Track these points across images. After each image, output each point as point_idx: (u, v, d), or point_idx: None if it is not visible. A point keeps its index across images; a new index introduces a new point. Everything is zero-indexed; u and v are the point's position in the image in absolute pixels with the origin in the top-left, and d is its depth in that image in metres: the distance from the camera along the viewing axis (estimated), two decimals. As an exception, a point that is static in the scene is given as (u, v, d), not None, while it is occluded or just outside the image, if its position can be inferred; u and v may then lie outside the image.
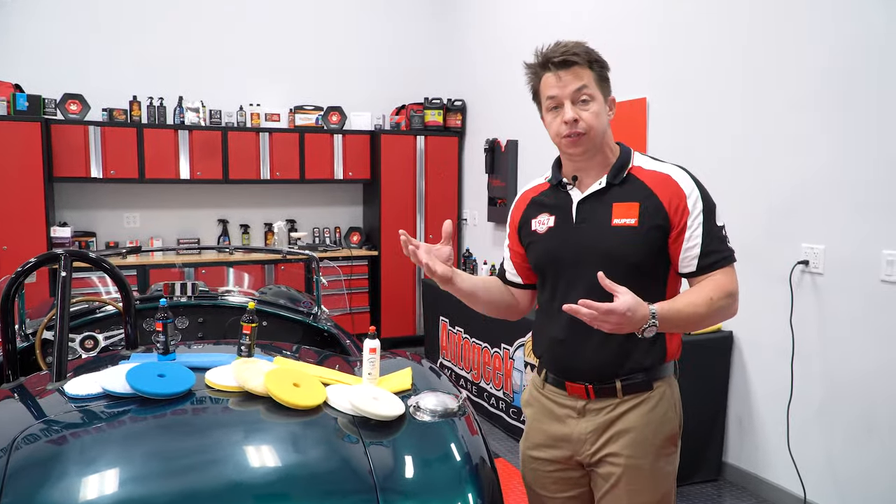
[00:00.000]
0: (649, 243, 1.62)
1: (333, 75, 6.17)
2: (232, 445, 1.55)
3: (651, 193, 1.63)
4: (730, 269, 1.64)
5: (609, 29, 4.29)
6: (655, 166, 1.68)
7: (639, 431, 1.65)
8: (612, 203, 1.65)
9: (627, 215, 1.63)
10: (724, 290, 1.60)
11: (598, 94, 1.64)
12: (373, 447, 1.54)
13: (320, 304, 3.31)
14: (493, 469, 1.66)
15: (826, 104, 3.00)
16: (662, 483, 1.69)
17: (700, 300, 1.58)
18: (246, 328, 1.89)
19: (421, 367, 2.06)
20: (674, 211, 1.61)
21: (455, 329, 4.68)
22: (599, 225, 1.65)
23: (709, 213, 1.63)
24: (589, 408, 1.69)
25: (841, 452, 2.99)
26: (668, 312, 1.52)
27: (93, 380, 1.70)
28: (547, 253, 1.74)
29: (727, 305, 1.61)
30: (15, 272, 2.05)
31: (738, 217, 3.40)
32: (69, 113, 5.18)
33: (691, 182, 1.64)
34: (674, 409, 1.71)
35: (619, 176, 1.67)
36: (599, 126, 1.64)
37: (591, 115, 1.62)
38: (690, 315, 1.56)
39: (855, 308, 2.91)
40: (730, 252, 1.65)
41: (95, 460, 1.44)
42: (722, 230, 1.65)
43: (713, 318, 1.61)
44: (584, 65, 1.62)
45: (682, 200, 1.62)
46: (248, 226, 6.01)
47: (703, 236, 1.61)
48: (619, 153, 1.70)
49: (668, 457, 1.70)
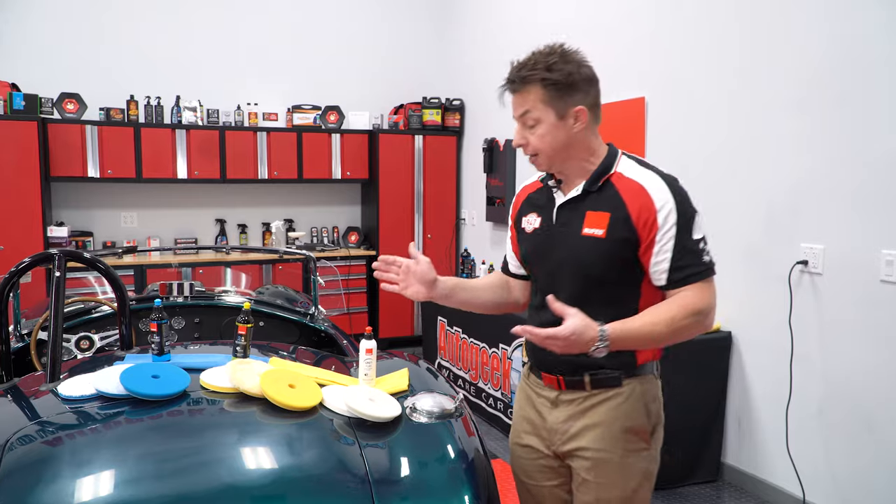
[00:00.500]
0: (615, 255, 1.62)
1: (331, 75, 6.16)
2: (226, 447, 1.54)
3: (622, 205, 1.62)
4: (702, 285, 1.59)
5: (608, 28, 4.28)
6: (636, 174, 1.65)
7: (606, 426, 1.66)
8: (585, 211, 1.66)
9: (597, 225, 1.63)
10: (689, 308, 1.57)
11: (547, 115, 1.62)
12: (369, 449, 1.53)
13: (317, 305, 3.30)
14: (489, 470, 1.65)
15: (825, 103, 2.99)
16: (632, 478, 1.69)
17: (660, 319, 1.56)
18: (241, 329, 1.88)
19: (418, 367, 2.05)
20: (642, 224, 1.59)
21: (453, 329, 4.67)
22: (572, 233, 1.67)
23: (683, 227, 1.59)
24: (561, 398, 1.72)
25: (840, 453, 2.98)
26: (622, 333, 1.53)
27: (86, 381, 1.68)
28: (530, 253, 1.80)
29: (693, 324, 1.58)
30: (9, 272, 2.04)
31: (736, 217, 3.41)
32: (66, 112, 5.16)
33: (667, 194, 1.60)
34: (643, 407, 1.69)
35: (596, 183, 1.66)
36: (547, 147, 1.64)
37: (537, 139, 1.64)
38: (649, 334, 1.56)
39: (854, 308, 2.90)
40: (704, 267, 1.60)
41: (88, 462, 1.43)
42: (699, 243, 1.61)
43: (677, 336, 1.59)
44: (529, 86, 1.61)
45: (651, 214, 1.59)
46: (246, 225, 5.99)
47: (672, 251, 1.58)
48: (602, 158, 1.69)
49: (639, 453, 1.69)
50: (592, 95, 1.67)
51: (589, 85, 1.65)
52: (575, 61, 1.63)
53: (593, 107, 1.67)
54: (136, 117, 5.37)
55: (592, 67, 1.67)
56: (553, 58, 1.61)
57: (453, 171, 6.22)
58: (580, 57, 1.66)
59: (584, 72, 1.64)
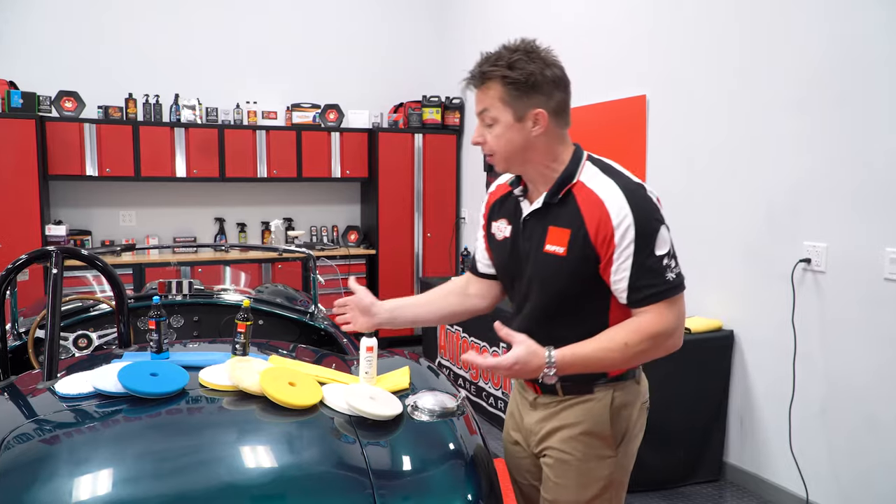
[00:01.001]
0: (576, 274, 1.56)
1: (331, 73, 6.14)
2: (226, 446, 1.52)
3: (581, 221, 1.54)
4: (664, 306, 1.51)
5: (609, 26, 4.26)
6: (597, 184, 1.55)
7: (570, 428, 1.64)
8: (548, 226, 1.59)
9: (558, 242, 1.57)
10: (645, 332, 1.50)
11: (504, 115, 1.54)
12: (370, 447, 1.51)
13: (317, 303, 3.28)
14: (492, 469, 1.63)
15: (826, 102, 2.97)
16: (590, 485, 1.64)
17: (614, 346, 1.51)
18: (241, 326, 1.86)
19: (419, 365, 2.03)
20: (600, 242, 1.52)
21: (453, 328, 4.65)
22: (535, 248, 1.62)
23: (643, 244, 1.49)
24: (538, 401, 1.71)
25: (843, 452, 2.96)
26: (572, 359, 1.50)
27: (84, 379, 1.67)
28: (500, 263, 1.76)
29: (651, 348, 1.51)
30: (6, 269, 2.02)
31: (738, 215, 3.39)
32: (64, 110, 5.14)
33: (625, 208, 1.50)
34: (613, 413, 1.63)
35: (556, 195, 1.58)
36: (502, 148, 1.57)
37: (493, 138, 1.58)
38: (602, 360, 1.52)
39: (858, 306, 2.88)
40: (666, 286, 1.51)
41: (86, 460, 1.41)
42: (661, 260, 1.50)
43: (635, 361, 1.55)
44: (491, 82, 1.54)
45: (608, 230, 1.50)
46: (245, 224, 5.97)
47: (630, 269, 1.50)
48: (565, 166, 1.59)
49: (602, 460, 1.64)
50: (557, 99, 1.56)
51: (554, 87, 1.55)
52: (540, 61, 1.54)
53: (557, 111, 1.57)
54: (134, 116, 5.34)
55: (562, 69, 1.58)
56: (517, 55, 1.53)
57: (453, 169, 6.20)
58: (548, 57, 1.56)
59: (549, 73, 1.54)
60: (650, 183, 3.81)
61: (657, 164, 3.90)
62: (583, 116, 4.39)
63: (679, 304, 1.54)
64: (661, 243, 1.51)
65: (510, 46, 1.55)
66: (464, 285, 1.90)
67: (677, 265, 1.54)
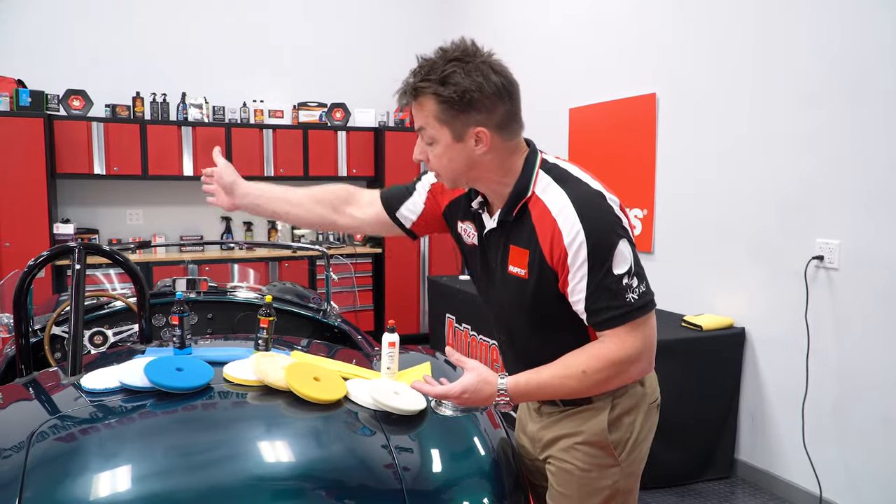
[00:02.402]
0: (540, 295, 1.46)
1: (337, 72, 6.15)
2: (253, 440, 1.52)
3: (537, 241, 1.42)
4: (624, 330, 1.38)
5: (617, 24, 4.27)
6: (549, 197, 1.42)
7: (569, 438, 1.57)
8: (509, 245, 1.49)
9: (519, 264, 1.47)
10: (605, 359, 1.39)
11: (443, 135, 1.41)
12: (396, 442, 1.52)
13: (330, 301, 3.28)
14: (517, 462, 1.64)
15: (839, 98, 2.97)
16: (593, 494, 1.56)
17: (571, 372, 1.41)
18: (263, 322, 1.86)
19: (437, 360, 2.04)
20: (555, 262, 1.41)
21: (462, 326, 4.65)
22: (500, 268, 1.53)
23: (597, 263, 1.36)
24: (543, 410, 1.65)
25: (857, 449, 2.96)
26: (526, 387, 1.43)
27: (110, 374, 1.67)
28: (474, 269, 1.67)
29: (613, 375, 1.41)
30: (28, 265, 2.02)
31: (750, 212, 3.40)
32: (72, 109, 5.14)
33: (576, 225, 1.36)
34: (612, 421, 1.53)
35: (510, 213, 1.47)
36: (445, 168, 1.46)
37: (434, 159, 1.46)
38: (557, 388, 1.43)
39: (871, 303, 2.89)
40: (626, 308, 1.37)
41: (115, 454, 1.41)
42: (620, 280, 1.37)
43: (596, 388, 1.44)
44: (426, 96, 1.40)
45: (560, 250, 1.38)
46: (252, 223, 5.97)
47: (586, 291, 1.38)
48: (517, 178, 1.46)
49: (604, 469, 1.55)
50: (501, 113, 1.40)
51: (495, 101, 1.39)
52: (477, 72, 1.37)
53: (503, 125, 1.42)
54: (142, 114, 5.35)
55: (507, 75, 1.41)
56: (451, 66, 1.37)
57: (459, 168, 6.19)
58: (488, 65, 1.39)
59: (488, 87, 1.37)
60: (661, 182, 3.88)
61: (667, 162, 3.91)
62: (592, 115, 4.40)
63: (644, 327, 1.40)
64: (620, 261, 1.37)
65: (446, 52, 1.40)
66: (345, 200, 1.74)
67: (641, 283, 1.40)
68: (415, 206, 1.71)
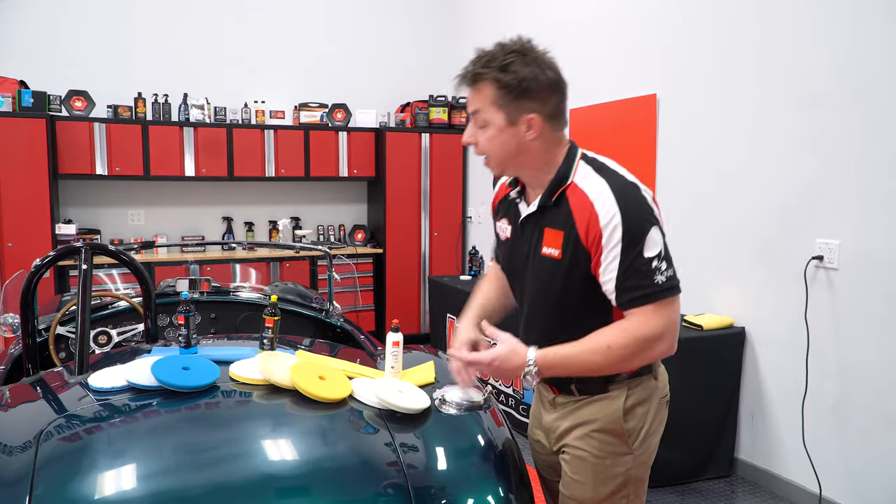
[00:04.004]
0: (572, 277, 1.54)
1: (338, 72, 6.16)
2: (259, 438, 1.54)
3: (573, 222, 1.51)
4: (651, 309, 1.46)
5: (619, 25, 4.28)
6: (588, 184, 1.52)
7: (585, 426, 1.63)
8: (544, 227, 1.58)
9: (553, 245, 1.55)
10: (630, 335, 1.46)
11: (496, 117, 1.51)
12: (401, 440, 1.53)
13: (332, 301, 3.29)
14: (520, 460, 1.66)
15: (840, 100, 2.99)
16: (607, 482, 1.62)
17: (597, 347, 1.48)
18: (268, 321, 1.88)
19: (440, 359, 2.06)
20: (590, 243, 1.49)
21: (463, 326, 4.66)
22: (533, 251, 1.61)
23: (631, 244, 1.45)
24: (557, 401, 1.71)
25: (857, 448, 2.98)
26: (553, 361, 1.49)
27: (116, 373, 1.69)
28: (505, 262, 1.79)
29: (637, 351, 1.47)
30: (34, 265, 2.03)
31: (750, 213, 3.41)
32: (74, 109, 5.15)
33: (613, 207, 1.46)
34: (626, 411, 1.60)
35: (550, 199, 1.56)
36: (496, 151, 1.55)
37: (485, 140, 1.55)
38: (584, 362, 1.49)
39: (870, 303, 2.90)
40: (655, 289, 1.46)
41: (123, 452, 1.43)
42: (650, 262, 1.46)
43: (621, 365, 1.50)
44: (484, 83, 1.50)
45: (596, 231, 1.47)
46: (253, 223, 5.99)
47: (617, 270, 1.46)
48: (558, 167, 1.56)
49: (618, 457, 1.61)
50: (553, 104, 1.53)
51: (549, 92, 1.51)
52: (535, 64, 1.49)
53: (553, 115, 1.54)
54: (143, 115, 5.36)
55: (558, 71, 1.54)
56: (511, 57, 1.48)
57: (460, 169, 6.22)
58: (544, 59, 1.51)
59: (543, 78, 1.49)
60: (661, 182, 3.89)
61: (668, 163, 3.92)
62: (593, 116, 4.41)
63: (669, 308, 1.48)
64: (651, 245, 1.46)
65: (506, 46, 1.51)
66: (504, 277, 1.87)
67: (670, 268, 1.49)
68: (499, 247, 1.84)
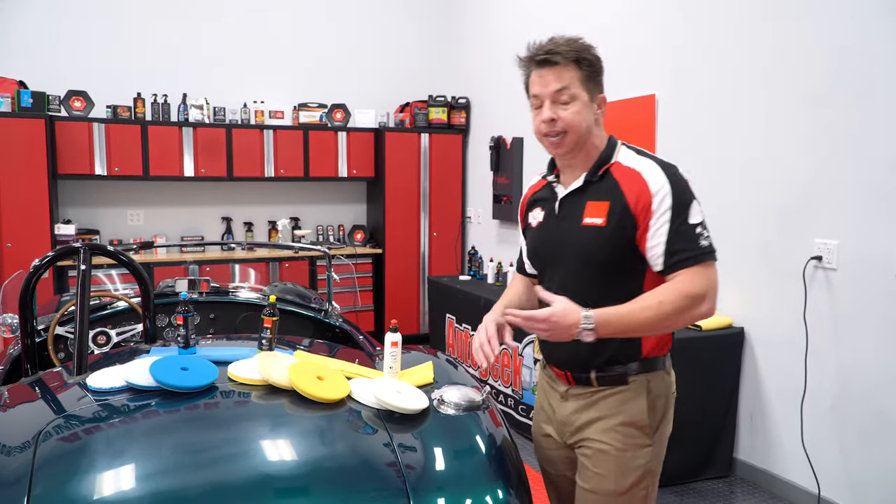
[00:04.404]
0: (615, 243, 1.63)
1: (337, 73, 6.16)
2: (258, 438, 1.54)
3: (620, 192, 1.63)
4: (697, 269, 1.57)
5: (617, 25, 4.28)
6: (633, 162, 1.67)
7: (608, 419, 1.68)
8: (586, 201, 1.68)
9: (597, 214, 1.65)
10: (679, 291, 1.55)
11: (582, 94, 1.64)
12: (399, 440, 1.53)
13: (332, 301, 3.29)
14: (520, 460, 1.66)
15: (839, 100, 2.99)
16: (629, 474, 1.67)
17: (649, 304, 1.55)
18: (267, 322, 1.88)
19: (439, 360, 2.06)
20: (639, 210, 1.60)
21: (462, 326, 4.67)
22: (574, 223, 1.69)
23: (679, 211, 1.59)
24: (571, 393, 1.75)
25: (856, 448, 2.98)
26: (609, 317, 1.53)
27: (115, 373, 1.69)
28: (534, 247, 1.84)
29: (685, 308, 1.55)
30: (33, 266, 2.03)
31: (749, 213, 3.41)
32: (73, 110, 5.15)
33: (662, 179, 1.60)
34: (648, 402, 1.68)
35: (596, 174, 1.68)
36: (580, 125, 1.65)
37: (571, 115, 1.64)
38: (637, 319, 1.54)
39: (869, 303, 2.91)
40: (700, 251, 1.58)
41: (122, 453, 1.43)
42: (695, 228, 1.60)
43: (670, 322, 1.56)
44: (568, 63, 1.62)
45: (647, 198, 1.60)
46: (252, 223, 5.99)
47: (667, 235, 1.59)
48: (603, 149, 1.71)
49: (639, 449, 1.68)
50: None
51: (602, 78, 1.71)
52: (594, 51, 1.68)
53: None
54: (142, 115, 5.36)
55: None
56: (582, 42, 1.66)
57: (459, 169, 6.23)
58: None
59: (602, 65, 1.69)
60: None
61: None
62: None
63: (711, 270, 1.60)
64: (695, 213, 1.61)
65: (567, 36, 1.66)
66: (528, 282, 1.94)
67: (709, 236, 1.62)
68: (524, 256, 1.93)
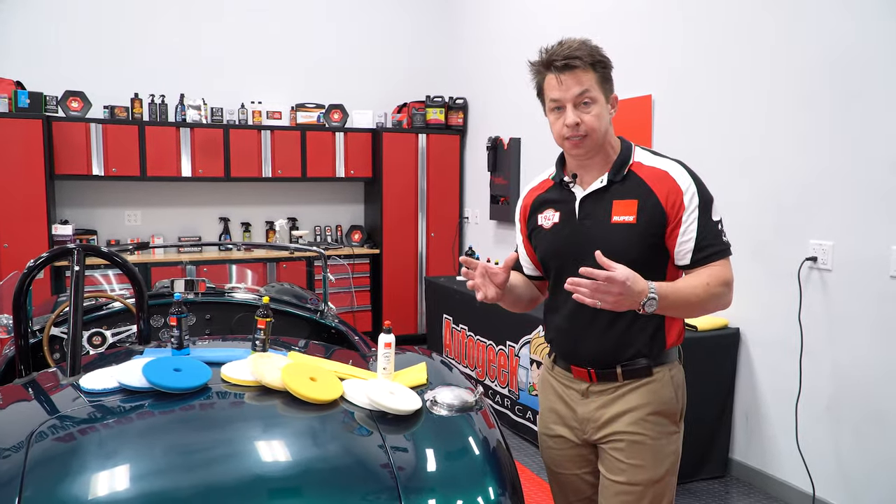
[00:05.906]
0: (647, 239, 1.68)
1: (335, 73, 6.16)
2: (250, 439, 1.54)
3: (649, 190, 1.68)
4: (725, 262, 1.68)
5: (614, 25, 4.29)
6: (655, 162, 1.73)
7: (639, 410, 1.72)
8: (612, 200, 1.71)
9: (626, 212, 1.69)
10: (719, 278, 1.65)
11: (600, 96, 1.68)
12: (391, 441, 1.54)
13: (327, 301, 3.30)
14: (512, 461, 1.66)
15: (834, 100, 3.00)
16: (663, 461, 1.73)
17: (698, 283, 1.64)
18: (260, 323, 1.88)
19: (433, 361, 2.06)
20: (670, 207, 1.67)
21: (459, 327, 4.67)
22: (601, 222, 1.72)
23: (704, 209, 1.67)
24: (592, 390, 1.77)
25: (851, 448, 2.99)
26: (667, 290, 1.58)
27: (108, 374, 1.69)
28: (552, 247, 1.82)
29: (722, 293, 1.66)
30: (27, 267, 2.04)
31: (745, 214, 3.41)
32: (70, 110, 5.16)
33: (688, 178, 1.69)
34: (674, 392, 1.76)
35: (619, 173, 1.72)
36: (601, 128, 1.69)
37: (593, 118, 1.67)
38: (688, 297, 1.62)
39: (864, 304, 2.91)
40: (725, 246, 1.69)
41: (114, 454, 1.44)
42: (718, 225, 1.69)
43: (709, 303, 1.65)
44: (586, 67, 1.66)
45: (678, 196, 1.67)
46: (250, 224, 5.99)
47: (697, 230, 1.66)
48: (619, 149, 1.75)
49: (670, 436, 1.75)
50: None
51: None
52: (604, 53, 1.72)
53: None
54: (140, 115, 5.36)
55: None
56: (595, 45, 1.70)
57: (456, 169, 6.23)
58: None
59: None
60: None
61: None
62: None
63: (730, 264, 1.70)
64: (717, 211, 1.70)
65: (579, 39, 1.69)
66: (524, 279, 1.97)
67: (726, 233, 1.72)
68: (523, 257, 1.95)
